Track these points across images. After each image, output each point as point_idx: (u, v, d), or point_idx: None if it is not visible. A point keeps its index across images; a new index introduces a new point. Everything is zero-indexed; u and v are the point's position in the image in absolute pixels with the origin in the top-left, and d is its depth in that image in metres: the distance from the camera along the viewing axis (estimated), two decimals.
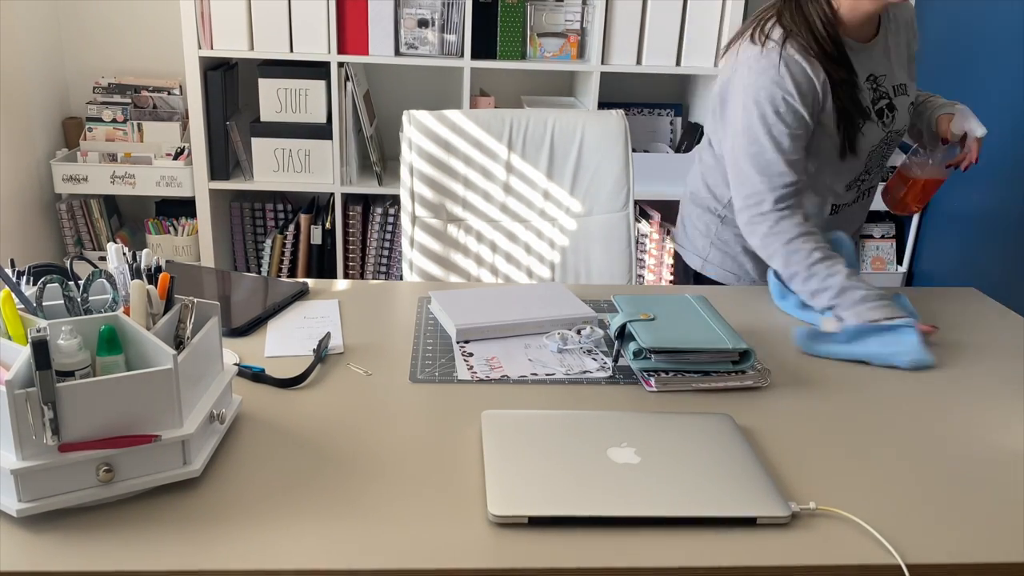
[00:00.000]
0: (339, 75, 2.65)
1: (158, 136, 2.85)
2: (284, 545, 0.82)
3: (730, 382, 1.17)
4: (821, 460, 1.01)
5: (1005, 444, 1.06)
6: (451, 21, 2.68)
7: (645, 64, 2.73)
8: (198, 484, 0.90)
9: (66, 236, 2.90)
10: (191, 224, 2.93)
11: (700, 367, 1.18)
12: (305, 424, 1.04)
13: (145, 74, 2.94)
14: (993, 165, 2.67)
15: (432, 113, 1.81)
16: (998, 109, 2.64)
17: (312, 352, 1.20)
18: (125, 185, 2.80)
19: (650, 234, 2.80)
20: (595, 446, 0.96)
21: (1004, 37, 2.62)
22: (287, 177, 2.80)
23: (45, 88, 2.83)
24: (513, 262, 1.87)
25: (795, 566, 0.83)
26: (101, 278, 0.94)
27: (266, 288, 1.44)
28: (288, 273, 2.93)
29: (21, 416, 0.80)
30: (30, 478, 0.82)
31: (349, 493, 0.90)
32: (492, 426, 1.01)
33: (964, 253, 2.81)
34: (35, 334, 0.78)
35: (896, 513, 0.91)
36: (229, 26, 2.63)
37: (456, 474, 0.94)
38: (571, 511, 0.86)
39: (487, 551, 0.83)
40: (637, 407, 1.12)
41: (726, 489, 0.91)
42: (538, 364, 1.22)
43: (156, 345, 0.88)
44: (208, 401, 0.93)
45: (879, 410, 1.13)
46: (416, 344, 1.27)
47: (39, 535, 0.82)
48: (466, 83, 2.73)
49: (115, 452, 0.84)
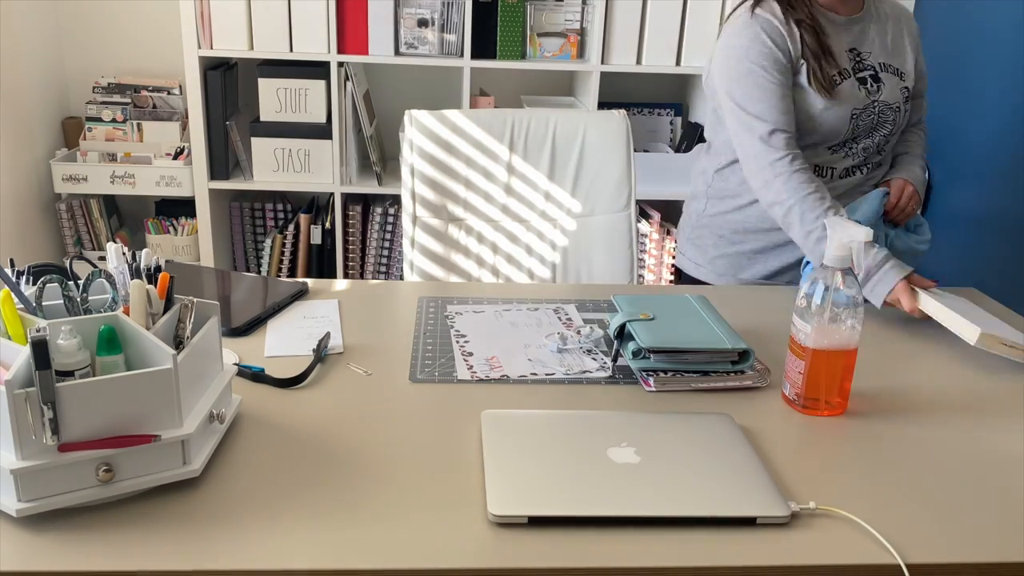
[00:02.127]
0: (339, 75, 2.65)
1: (158, 136, 2.85)
2: (284, 545, 0.82)
3: (729, 382, 1.17)
4: (821, 460, 1.01)
5: (1005, 445, 1.06)
6: (451, 21, 2.68)
7: (645, 64, 2.73)
8: (198, 484, 0.90)
9: (66, 236, 2.90)
10: (191, 224, 2.92)
11: (699, 367, 1.18)
12: (305, 424, 1.04)
13: (145, 74, 2.94)
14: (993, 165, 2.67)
15: (433, 113, 1.81)
16: (998, 109, 2.64)
17: (312, 352, 1.20)
18: (125, 185, 2.80)
19: (650, 234, 2.80)
20: (595, 446, 0.96)
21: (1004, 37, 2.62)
22: (287, 177, 2.80)
23: (45, 88, 2.83)
24: (514, 263, 1.87)
25: (795, 566, 0.83)
26: (101, 278, 0.94)
27: (266, 288, 1.44)
28: (288, 273, 2.93)
29: (21, 416, 0.80)
30: (30, 478, 0.82)
31: (349, 493, 0.90)
32: (492, 426, 1.01)
33: (964, 253, 2.81)
34: (35, 334, 0.78)
35: (896, 513, 0.91)
36: (229, 26, 2.63)
37: (456, 474, 0.94)
38: (571, 511, 0.86)
39: (487, 551, 0.83)
40: (637, 407, 1.11)
41: (726, 489, 0.90)
42: (538, 364, 1.22)
43: (156, 345, 0.88)
44: (208, 401, 0.93)
45: (879, 410, 1.13)
46: (416, 344, 1.27)
47: (39, 535, 0.82)
48: (466, 83, 2.72)
49: (115, 452, 0.84)
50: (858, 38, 1.59)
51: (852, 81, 1.56)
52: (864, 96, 1.57)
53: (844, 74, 1.56)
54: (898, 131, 1.65)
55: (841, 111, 1.55)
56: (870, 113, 1.58)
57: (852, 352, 1.09)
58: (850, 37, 1.58)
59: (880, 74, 1.59)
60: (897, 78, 1.61)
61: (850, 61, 1.57)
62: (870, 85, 1.58)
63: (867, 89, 1.57)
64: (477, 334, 1.31)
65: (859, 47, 1.59)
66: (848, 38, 1.58)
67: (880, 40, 1.61)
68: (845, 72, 1.56)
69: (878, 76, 1.59)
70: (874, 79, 1.58)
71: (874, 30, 1.61)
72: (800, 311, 1.09)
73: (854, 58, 1.58)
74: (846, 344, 1.07)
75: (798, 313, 1.09)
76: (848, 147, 1.60)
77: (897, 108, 1.61)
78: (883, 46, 1.61)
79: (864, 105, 1.57)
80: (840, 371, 1.09)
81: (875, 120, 1.59)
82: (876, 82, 1.58)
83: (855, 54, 1.58)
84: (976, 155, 2.77)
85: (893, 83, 1.61)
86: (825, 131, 1.56)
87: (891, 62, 1.61)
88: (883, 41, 1.61)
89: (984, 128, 2.73)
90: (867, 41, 1.60)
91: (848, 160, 1.60)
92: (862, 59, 1.58)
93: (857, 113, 1.56)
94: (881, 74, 1.60)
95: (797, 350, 1.10)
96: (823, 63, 1.53)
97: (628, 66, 2.72)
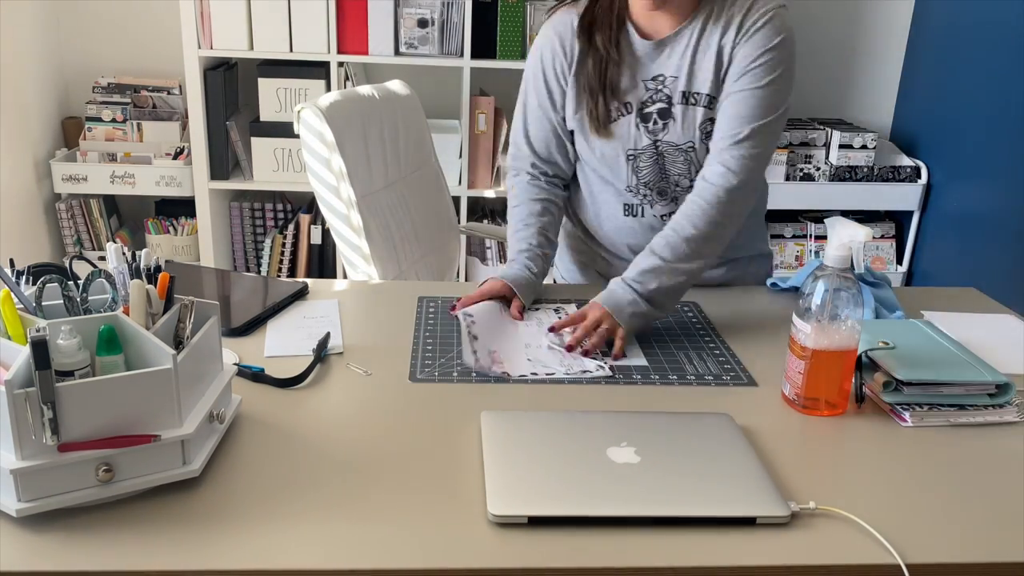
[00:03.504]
0: (339, 75, 2.65)
1: (158, 136, 2.85)
2: (284, 545, 0.82)
3: (989, 416, 1.11)
4: (821, 460, 1.01)
5: (1005, 444, 1.06)
6: (451, 21, 2.68)
7: None
8: (197, 484, 0.90)
9: (66, 236, 2.90)
10: (191, 224, 2.93)
11: (955, 400, 1.11)
12: (305, 424, 1.04)
13: (145, 74, 2.94)
14: (993, 165, 2.67)
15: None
16: (998, 109, 2.64)
17: (312, 352, 1.20)
18: (125, 185, 2.81)
19: None
20: (595, 446, 0.96)
21: (1004, 37, 2.62)
22: (287, 177, 2.80)
23: (45, 88, 2.83)
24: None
25: (795, 566, 0.83)
26: (100, 278, 0.94)
27: (266, 288, 1.44)
28: (288, 273, 2.93)
29: (20, 416, 0.80)
30: (30, 478, 0.82)
31: (349, 493, 0.90)
32: (492, 426, 1.01)
33: (964, 253, 2.81)
34: (34, 334, 0.78)
35: (896, 513, 0.91)
36: (229, 26, 2.63)
37: (456, 474, 0.94)
38: (571, 511, 0.86)
39: (487, 551, 0.83)
40: (637, 407, 1.11)
41: (726, 489, 0.90)
42: (538, 364, 1.22)
43: (156, 345, 0.88)
44: (208, 401, 0.93)
45: (879, 410, 1.13)
46: (416, 344, 1.27)
47: (38, 535, 0.82)
48: (466, 83, 2.73)
49: (114, 452, 0.84)
50: (664, 64, 1.38)
51: (628, 119, 1.41)
52: (642, 132, 1.41)
53: (626, 108, 1.41)
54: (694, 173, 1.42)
55: (611, 150, 1.43)
56: (656, 156, 1.42)
57: (852, 352, 1.08)
58: (652, 64, 1.39)
59: (674, 107, 1.39)
60: (700, 108, 1.38)
61: (644, 92, 1.39)
62: (653, 122, 1.39)
63: (647, 126, 1.40)
64: (483, 321, 1.31)
65: (662, 72, 1.38)
66: (649, 66, 1.39)
67: (694, 62, 1.37)
68: (627, 107, 1.40)
69: (669, 111, 1.39)
70: (662, 114, 1.39)
71: (688, 48, 1.37)
72: (800, 311, 1.09)
73: (655, 87, 1.39)
74: (846, 344, 1.07)
75: (798, 313, 1.09)
76: (633, 188, 1.47)
77: (689, 148, 1.41)
78: (696, 69, 1.37)
79: (644, 145, 1.41)
80: (840, 371, 1.09)
81: (665, 166, 1.43)
82: (664, 118, 1.39)
83: (659, 82, 1.38)
84: (976, 155, 2.77)
85: (689, 117, 1.39)
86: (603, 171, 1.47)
87: (703, 90, 1.37)
88: (698, 62, 1.37)
89: (984, 128, 2.73)
90: (673, 65, 1.38)
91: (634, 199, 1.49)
92: (659, 89, 1.39)
93: (633, 155, 1.43)
94: (676, 107, 1.39)
95: (797, 350, 1.10)
96: (600, 99, 1.40)
97: None
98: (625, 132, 1.42)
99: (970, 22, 2.80)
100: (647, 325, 1.31)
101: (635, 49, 1.40)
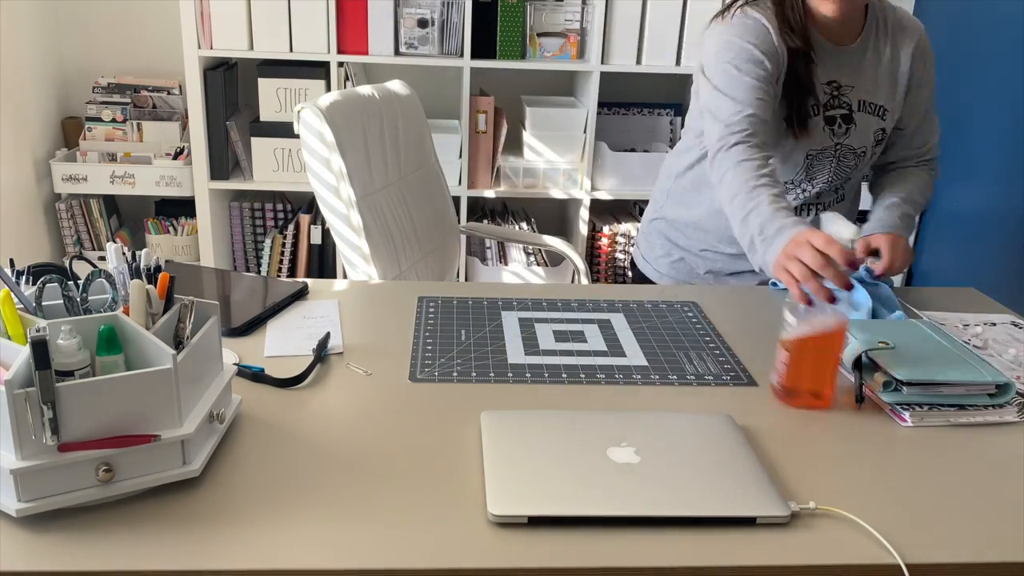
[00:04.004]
0: (339, 75, 2.65)
1: (158, 136, 2.85)
2: (284, 545, 0.82)
3: (989, 416, 1.11)
4: (821, 460, 1.01)
5: (1005, 444, 1.06)
6: (451, 21, 2.68)
7: (645, 64, 2.73)
8: (198, 484, 0.90)
9: (65, 236, 2.90)
10: (191, 224, 2.93)
11: (955, 400, 1.12)
12: (305, 424, 1.04)
13: (145, 74, 2.94)
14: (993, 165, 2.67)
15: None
16: (998, 109, 2.64)
17: (312, 352, 1.20)
18: (125, 185, 2.81)
19: None
20: (595, 446, 0.96)
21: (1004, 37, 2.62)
22: (287, 177, 2.80)
23: (45, 88, 2.83)
24: None
25: (795, 566, 0.83)
26: (100, 278, 0.94)
27: (266, 288, 1.44)
28: (288, 273, 2.93)
29: (20, 416, 0.80)
30: (29, 478, 0.82)
31: (349, 493, 0.90)
32: (492, 426, 1.01)
33: (964, 253, 2.81)
34: (34, 334, 0.78)
35: (896, 513, 0.91)
36: (229, 26, 2.63)
37: (456, 474, 0.94)
38: (571, 511, 0.86)
39: (487, 551, 0.83)
40: (637, 407, 1.11)
41: (726, 489, 0.90)
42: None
43: (156, 345, 0.88)
44: (208, 401, 0.93)
45: (879, 410, 1.13)
46: (416, 344, 1.27)
47: (38, 535, 0.82)
48: (466, 83, 2.73)
49: (115, 452, 0.84)
50: (842, 71, 1.45)
51: (819, 119, 1.45)
52: (826, 135, 1.45)
53: (815, 110, 1.44)
54: (859, 174, 1.55)
55: (798, 152, 1.45)
56: (832, 158, 1.47)
57: (835, 339, 1.09)
58: (835, 69, 1.45)
59: (855, 113, 1.47)
60: (876, 118, 1.49)
61: (825, 96, 1.45)
62: (837, 126, 1.45)
63: (832, 129, 1.45)
64: None
65: (840, 80, 1.45)
66: (832, 69, 1.45)
67: (870, 72, 1.47)
68: (815, 108, 1.45)
69: (851, 116, 1.46)
70: (845, 119, 1.45)
71: (867, 61, 1.47)
72: (790, 306, 1.11)
73: (831, 91, 1.45)
74: (826, 329, 1.09)
75: (788, 308, 1.11)
76: (800, 187, 1.51)
77: (862, 152, 1.50)
78: (872, 80, 1.48)
79: (824, 147, 1.46)
80: (823, 359, 1.10)
81: (836, 168, 1.49)
82: (847, 123, 1.46)
83: (834, 87, 1.45)
84: (976, 155, 2.77)
85: (867, 124, 1.48)
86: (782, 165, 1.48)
87: (873, 99, 1.48)
88: (873, 73, 1.48)
89: (984, 128, 2.73)
90: (852, 74, 1.46)
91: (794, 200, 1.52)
92: (840, 94, 1.45)
93: (813, 155, 1.47)
94: (856, 114, 1.47)
95: (784, 343, 1.11)
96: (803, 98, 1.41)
97: (628, 66, 2.72)
98: (814, 132, 1.46)
99: (970, 22, 2.80)
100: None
101: (824, 53, 1.44)
